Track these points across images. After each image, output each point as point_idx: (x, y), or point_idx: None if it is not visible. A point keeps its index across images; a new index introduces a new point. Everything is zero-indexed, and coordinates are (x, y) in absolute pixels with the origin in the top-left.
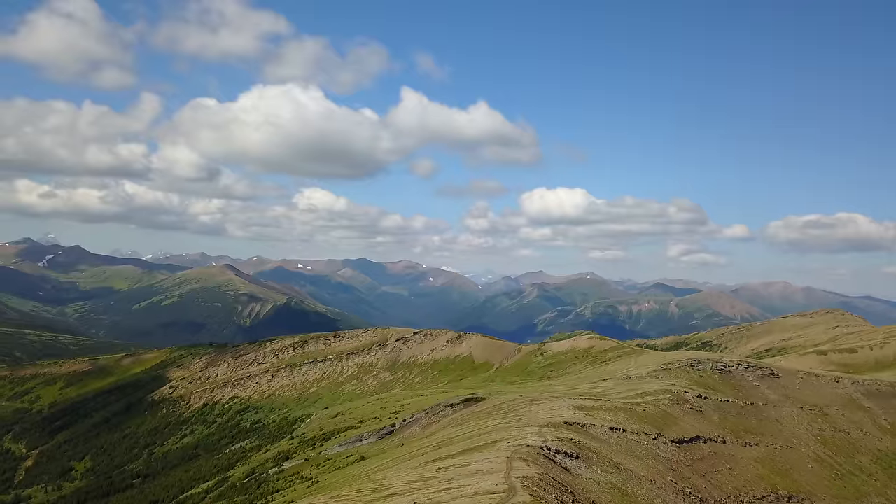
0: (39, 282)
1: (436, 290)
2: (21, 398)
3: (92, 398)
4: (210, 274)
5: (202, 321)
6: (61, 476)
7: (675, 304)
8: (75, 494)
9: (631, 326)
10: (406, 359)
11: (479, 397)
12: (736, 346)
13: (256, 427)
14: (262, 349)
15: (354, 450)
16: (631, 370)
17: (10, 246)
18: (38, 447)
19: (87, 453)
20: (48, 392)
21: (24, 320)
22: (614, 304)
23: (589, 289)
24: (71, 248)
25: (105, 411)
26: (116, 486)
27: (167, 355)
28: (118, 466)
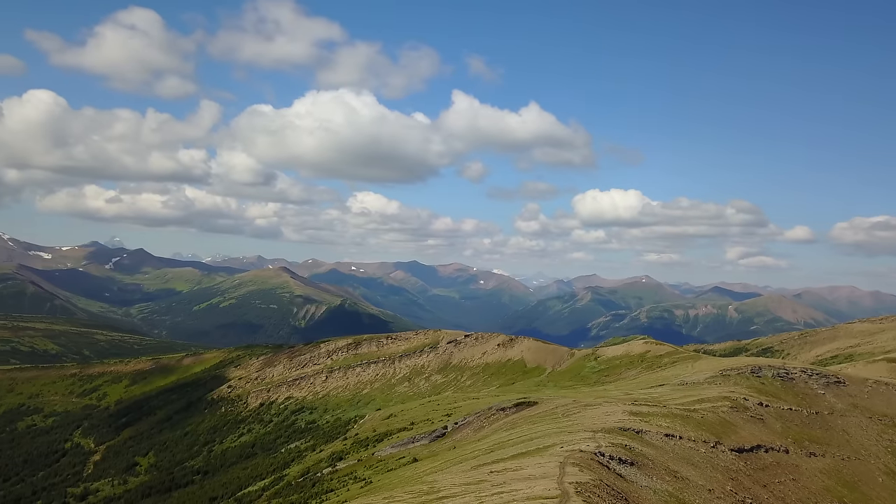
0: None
1: (486, 292)
2: (89, 395)
3: (155, 396)
4: (266, 276)
5: (259, 322)
6: (126, 470)
7: (733, 309)
8: (139, 489)
9: (687, 331)
10: (457, 361)
11: (531, 401)
12: (799, 352)
13: (311, 427)
14: (317, 350)
15: (407, 451)
16: (687, 376)
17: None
18: (105, 442)
19: (150, 449)
20: (114, 390)
21: (92, 320)
22: (670, 308)
23: (644, 292)
24: (135, 251)
25: (167, 409)
26: (178, 481)
27: (225, 355)
28: (179, 462)
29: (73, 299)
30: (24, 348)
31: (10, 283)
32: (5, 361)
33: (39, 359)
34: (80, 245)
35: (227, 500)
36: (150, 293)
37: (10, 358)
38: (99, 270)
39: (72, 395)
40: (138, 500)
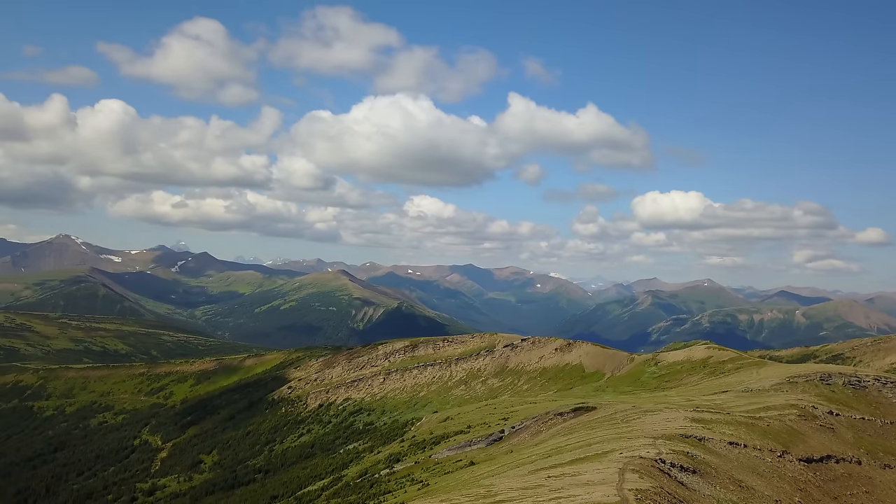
0: (173, 286)
1: (543, 296)
2: (157, 394)
3: (218, 395)
4: (325, 279)
5: (318, 324)
6: (192, 468)
7: (801, 314)
8: (204, 486)
9: (752, 336)
10: (514, 365)
11: (589, 406)
12: (872, 359)
13: (369, 429)
14: (375, 352)
15: (463, 454)
16: (752, 382)
17: (147, 252)
18: (171, 440)
19: (214, 447)
20: (180, 389)
21: (159, 322)
22: (733, 312)
23: (706, 296)
24: (199, 254)
25: (230, 408)
26: (240, 479)
27: (286, 357)
28: (242, 461)
29: (141, 301)
30: (96, 348)
31: (83, 286)
32: (79, 360)
33: (110, 358)
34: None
35: (288, 499)
36: (213, 295)
37: (83, 357)
38: (166, 273)
39: (140, 394)
40: (203, 496)
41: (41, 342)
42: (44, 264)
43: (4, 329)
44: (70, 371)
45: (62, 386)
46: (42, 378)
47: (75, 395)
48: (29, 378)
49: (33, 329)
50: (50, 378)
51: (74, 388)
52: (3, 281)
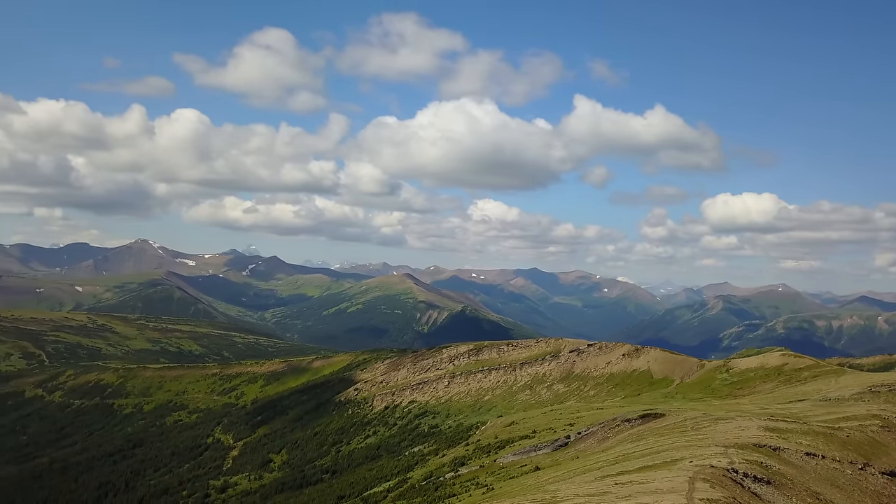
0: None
1: (610, 301)
2: (229, 394)
3: (287, 396)
4: (391, 282)
5: (384, 327)
6: (261, 466)
7: (883, 320)
8: (273, 484)
9: (830, 343)
10: (580, 371)
11: (657, 413)
12: None
13: (434, 431)
14: (439, 355)
15: (529, 459)
16: (831, 391)
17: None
18: (242, 439)
19: (283, 447)
20: (251, 389)
21: (231, 324)
22: (810, 318)
23: (780, 301)
24: (269, 258)
25: (298, 409)
26: (308, 479)
27: (352, 359)
28: (310, 461)
29: (214, 304)
30: (172, 349)
31: (159, 288)
32: (156, 360)
33: (185, 358)
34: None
35: (354, 500)
36: (283, 298)
37: (159, 357)
38: (237, 277)
39: (213, 394)
40: (272, 495)
41: (121, 342)
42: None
43: (87, 330)
44: (147, 371)
45: (140, 385)
46: (122, 377)
47: (152, 394)
48: (109, 377)
49: (114, 330)
50: (129, 377)
51: (151, 387)
52: (86, 284)
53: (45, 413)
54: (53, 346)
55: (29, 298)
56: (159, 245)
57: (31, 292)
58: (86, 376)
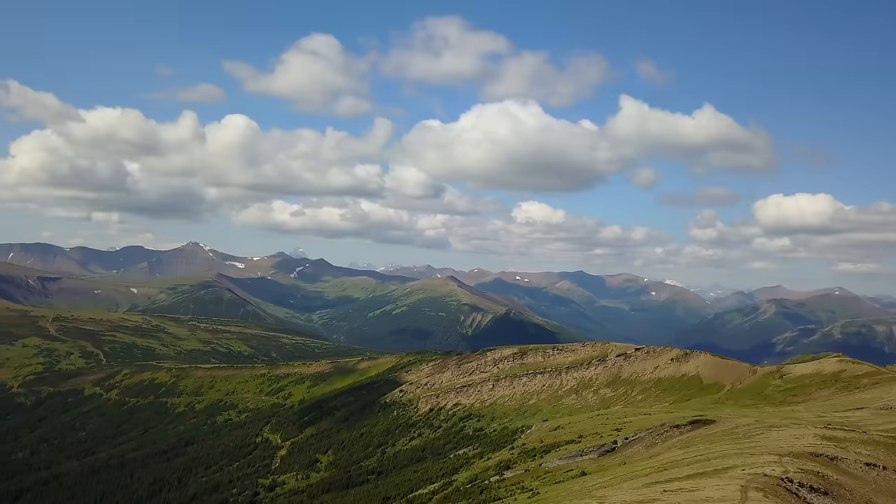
0: (291, 291)
1: (658, 304)
2: (277, 394)
3: (333, 397)
4: (435, 285)
5: (429, 329)
6: (309, 466)
7: None
8: (320, 484)
9: (891, 350)
10: (627, 375)
11: (708, 419)
12: None
13: (478, 434)
14: (483, 358)
15: (574, 464)
16: (892, 399)
17: (268, 259)
18: (290, 439)
19: (329, 447)
20: (298, 390)
21: (278, 325)
22: (869, 323)
23: (837, 306)
24: (316, 261)
25: (345, 410)
26: (354, 479)
27: (397, 360)
28: (356, 462)
29: (262, 305)
30: (222, 349)
31: (210, 290)
32: (206, 361)
33: (234, 359)
34: (268, 255)
35: (400, 501)
36: (329, 300)
37: (210, 358)
38: (285, 279)
39: (261, 394)
40: (319, 494)
41: (174, 343)
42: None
43: (142, 330)
44: (199, 370)
45: (192, 384)
46: (175, 376)
47: (203, 394)
48: (163, 376)
49: (167, 330)
50: (181, 376)
51: (203, 386)
52: (141, 285)
53: (102, 410)
54: (110, 346)
55: (88, 299)
56: (210, 248)
57: (89, 293)
58: (141, 375)
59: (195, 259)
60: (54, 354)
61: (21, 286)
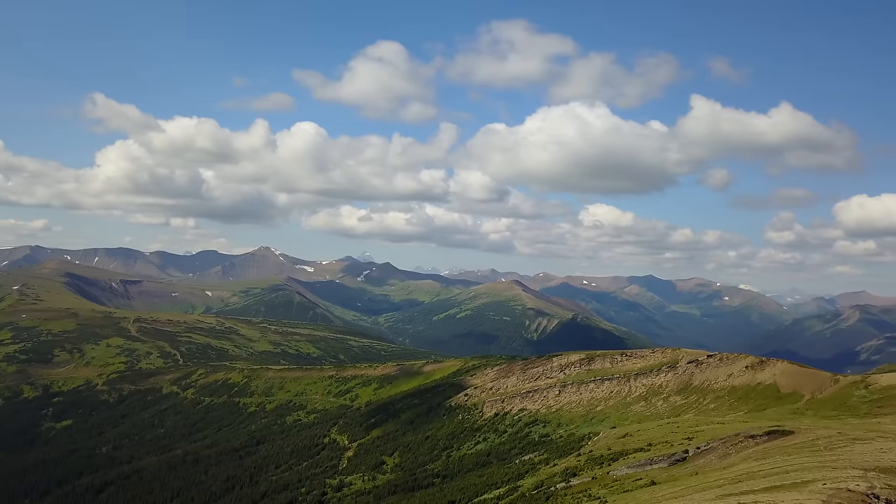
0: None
1: (731, 310)
2: (344, 396)
3: (399, 399)
4: (499, 289)
5: (493, 333)
6: (375, 468)
7: None
8: (386, 486)
9: None
10: (699, 383)
11: (785, 430)
12: None
13: (544, 440)
14: (549, 363)
15: (644, 473)
16: None
17: (336, 263)
18: (357, 440)
19: (395, 450)
20: (364, 392)
21: (346, 328)
22: None
23: None
24: (382, 264)
25: (410, 412)
26: (420, 482)
27: (462, 364)
28: (421, 465)
29: (330, 308)
30: (292, 351)
31: (281, 294)
32: (277, 362)
33: (303, 360)
34: (336, 259)
35: None
36: (395, 303)
37: (280, 359)
38: (352, 282)
39: (329, 395)
40: (385, 496)
41: (246, 344)
42: (248, 273)
43: (216, 332)
44: (269, 371)
45: (263, 385)
46: (246, 377)
47: (274, 394)
48: (236, 376)
49: (239, 332)
50: (253, 377)
51: (273, 387)
52: (215, 289)
53: (179, 408)
54: (187, 347)
55: (166, 301)
56: (280, 252)
57: (167, 296)
58: (215, 375)
59: (266, 263)
60: (135, 354)
61: (105, 289)
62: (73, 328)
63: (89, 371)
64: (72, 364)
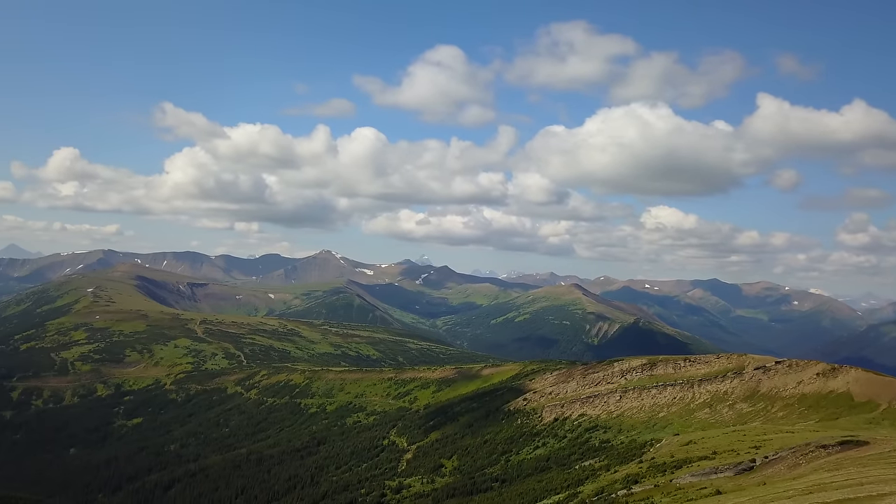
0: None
1: (801, 315)
2: (403, 398)
3: (458, 402)
4: (559, 293)
5: (553, 337)
6: (433, 471)
7: None
8: (445, 489)
9: None
10: (766, 390)
11: (860, 440)
12: None
13: (605, 446)
14: (610, 369)
15: (708, 482)
16: None
17: (394, 266)
18: (415, 443)
19: (454, 453)
20: (423, 394)
21: (405, 330)
22: None
23: None
24: (440, 268)
25: (469, 416)
26: (478, 486)
27: (521, 368)
28: (479, 468)
29: (389, 311)
30: (352, 353)
31: (341, 296)
32: (337, 363)
33: (363, 362)
34: (395, 263)
35: None
36: (453, 307)
37: (340, 361)
38: (410, 285)
39: (388, 397)
40: (444, 499)
41: (307, 346)
42: (310, 276)
43: (279, 334)
44: (330, 373)
45: (324, 386)
46: (308, 378)
47: (334, 395)
48: (297, 378)
49: (301, 334)
50: (314, 378)
51: (334, 388)
52: (278, 291)
53: (243, 408)
54: (250, 348)
55: (230, 304)
56: (341, 255)
57: (232, 299)
58: (277, 376)
59: (327, 266)
60: (201, 355)
61: (173, 291)
62: (143, 329)
63: (158, 371)
64: (142, 364)
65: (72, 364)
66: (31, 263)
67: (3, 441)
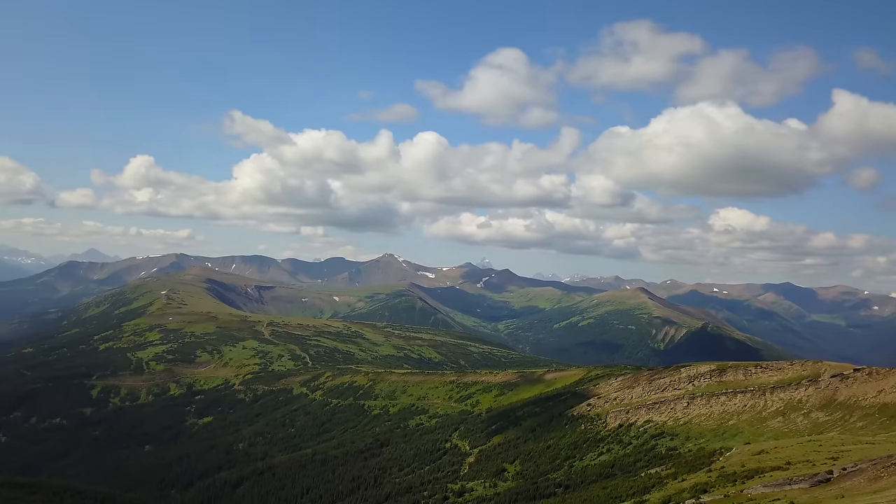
0: (478, 300)
1: (882, 320)
2: (465, 401)
3: (520, 407)
4: (624, 297)
5: (617, 342)
6: (496, 475)
7: None
8: (507, 493)
9: None
10: (844, 398)
11: None
12: None
13: (671, 454)
14: (677, 374)
15: (782, 493)
16: None
17: (456, 269)
18: (478, 446)
19: (517, 457)
20: (485, 398)
21: (466, 333)
22: None
23: None
24: (502, 271)
25: (531, 420)
26: (541, 491)
27: (585, 373)
28: (542, 474)
29: (451, 314)
30: (414, 356)
31: (404, 299)
32: (400, 366)
33: (425, 365)
34: (456, 266)
35: None
36: (515, 310)
37: (403, 363)
38: (472, 289)
39: (450, 400)
40: (506, 503)
41: (370, 348)
42: (373, 279)
43: (343, 336)
44: (393, 375)
45: (387, 388)
46: (371, 380)
47: (397, 398)
48: (361, 379)
49: (364, 336)
50: (377, 380)
51: (396, 390)
52: (343, 294)
53: (308, 409)
54: (315, 350)
55: (296, 307)
56: (403, 259)
57: (297, 301)
58: (341, 378)
59: (390, 269)
60: (268, 356)
61: (241, 294)
62: (213, 331)
63: (227, 371)
64: (212, 364)
65: (147, 364)
66: (108, 267)
67: (84, 437)
